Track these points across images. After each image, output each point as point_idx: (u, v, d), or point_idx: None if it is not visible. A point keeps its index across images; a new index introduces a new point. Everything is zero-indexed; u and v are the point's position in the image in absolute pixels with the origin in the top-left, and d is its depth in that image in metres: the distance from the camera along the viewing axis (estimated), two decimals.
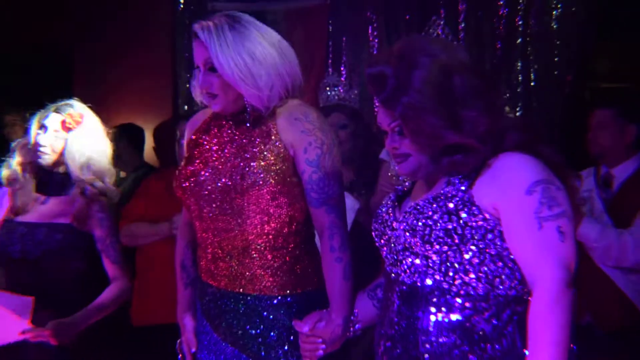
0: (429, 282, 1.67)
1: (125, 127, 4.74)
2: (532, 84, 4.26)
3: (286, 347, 2.09)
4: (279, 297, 2.11)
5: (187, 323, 2.29)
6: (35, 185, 2.76)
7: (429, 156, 1.71)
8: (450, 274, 1.65)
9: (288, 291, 2.11)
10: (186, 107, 5.22)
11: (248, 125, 2.13)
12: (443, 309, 1.65)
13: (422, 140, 1.69)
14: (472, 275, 1.64)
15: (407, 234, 1.69)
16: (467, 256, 1.64)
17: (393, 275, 1.76)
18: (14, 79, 5.94)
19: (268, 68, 2.05)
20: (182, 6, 5.26)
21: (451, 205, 1.64)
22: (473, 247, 1.64)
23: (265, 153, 2.08)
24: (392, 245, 1.76)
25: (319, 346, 1.99)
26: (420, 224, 1.66)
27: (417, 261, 1.69)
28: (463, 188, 1.66)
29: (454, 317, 1.64)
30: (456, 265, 1.65)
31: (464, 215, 1.64)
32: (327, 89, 3.86)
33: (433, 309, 1.66)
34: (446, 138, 1.66)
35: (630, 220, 3.18)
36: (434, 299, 1.66)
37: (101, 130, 2.82)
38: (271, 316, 2.11)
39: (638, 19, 4.43)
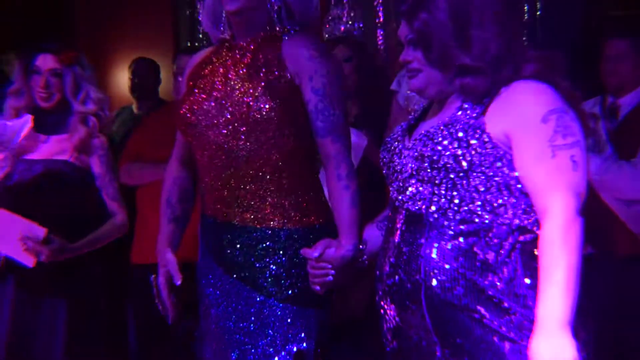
0: (433, 208, 1.67)
1: (140, 61, 4.66)
2: (538, 12, 4.19)
3: (293, 279, 2.11)
4: (284, 230, 2.12)
5: (168, 257, 2.24)
6: (33, 126, 2.78)
7: (440, 74, 1.71)
8: (456, 201, 1.65)
9: (293, 224, 2.12)
10: (188, 43, 5.17)
11: (251, 45, 2.13)
12: (446, 235, 1.65)
13: (432, 57, 1.70)
14: (478, 203, 1.64)
15: (416, 160, 1.69)
16: (474, 183, 1.64)
17: (398, 202, 1.76)
18: (13, 16, 5.87)
19: None
20: None
21: (461, 131, 1.64)
22: (481, 175, 1.64)
23: (271, 81, 2.07)
24: (399, 172, 1.76)
25: (328, 272, 1.98)
26: (429, 149, 1.66)
27: (423, 188, 1.69)
28: (475, 115, 1.65)
29: (457, 244, 1.64)
30: (462, 192, 1.65)
31: (474, 142, 1.63)
32: (332, 21, 3.81)
33: (436, 236, 1.66)
34: (455, 57, 1.66)
35: (634, 150, 3.16)
36: (438, 226, 1.66)
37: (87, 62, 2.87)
38: (276, 248, 2.12)
39: None
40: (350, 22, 3.80)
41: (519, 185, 1.64)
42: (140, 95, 4.47)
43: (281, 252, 2.12)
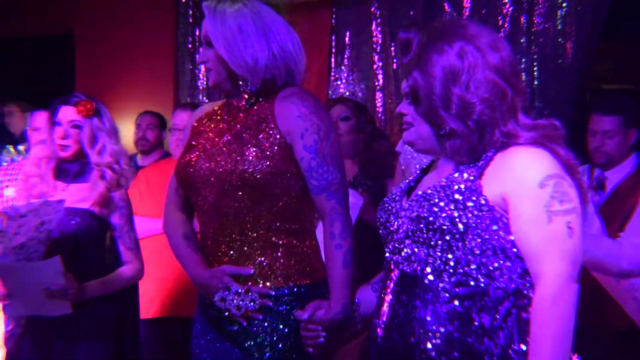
0: (428, 270, 1.66)
1: (146, 114, 4.67)
2: (535, 82, 4.26)
3: (276, 339, 2.08)
4: (272, 289, 2.09)
5: (221, 269, 2.11)
6: (53, 174, 2.86)
7: (431, 130, 1.73)
8: (452, 263, 1.65)
9: (279, 284, 2.09)
10: (188, 99, 5.22)
11: (244, 105, 2.14)
12: (441, 298, 1.64)
13: (421, 112, 1.72)
14: (473, 266, 1.64)
15: (412, 221, 1.69)
16: (469, 246, 1.63)
17: (392, 263, 1.75)
18: (14, 68, 5.93)
19: (254, 43, 2.08)
20: None
21: (458, 194, 1.64)
22: (476, 238, 1.63)
23: (259, 139, 2.07)
24: (395, 232, 1.75)
25: (319, 334, 1.97)
26: (425, 210, 1.66)
27: (418, 249, 1.68)
28: (472, 178, 1.66)
29: (452, 307, 1.63)
30: (458, 254, 1.64)
31: (470, 204, 1.63)
32: (337, 82, 3.86)
33: (432, 299, 1.65)
34: (439, 116, 1.68)
35: (621, 224, 3.14)
36: (433, 288, 1.65)
37: (109, 114, 2.93)
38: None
39: None
40: (351, 84, 3.84)
41: (515, 249, 1.63)
42: (145, 149, 4.47)
43: (266, 310, 2.08)
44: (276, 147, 2.06)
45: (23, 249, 2.60)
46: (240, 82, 2.12)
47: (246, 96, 2.13)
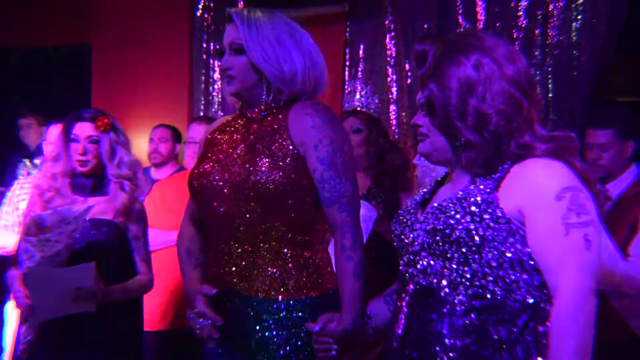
0: (444, 282, 1.66)
1: (160, 128, 4.67)
2: (550, 95, 4.25)
3: (287, 349, 2.07)
4: (282, 300, 2.08)
5: (202, 290, 2.15)
6: (70, 188, 2.90)
7: (446, 141, 1.74)
8: (468, 276, 1.64)
9: (291, 295, 2.08)
10: (202, 112, 5.25)
11: (257, 116, 2.15)
12: (458, 311, 1.63)
13: (436, 124, 1.73)
14: (490, 279, 1.63)
15: (428, 233, 1.68)
16: (486, 258, 1.63)
17: (408, 276, 1.75)
18: (30, 78, 5.98)
19: (292, 56, 2.09)
20: (199, 12, 5.31)
21: (474, 206, 1.64)
22: (493, 250, 1.62)
23: (273, 150, 2.07)
24: (410, 245, 1.75)
25: (331, 346, 1.97)
26: (441, 223, 1.66)
27: (434, 262, 1.68)
28: (488, 190, 1.65)
29: (469, 320, 1.62)
30: (475, 266, 1.63)
31: (486, 216, 1.63)
32: (351, 95, 3.86)
33: (448, 312, 1.64)
34: (456, 127, 1.68)
35: (628, 236, 3.11)
36: (449, 301, 1.64)
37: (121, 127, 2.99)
38: (273, 319, 2.08)
39: None
40: (365, 97, 3.84)
41: (532, 262, 1.62)
42: (157, 162, 4.48)
43: (277, 323, 2.08)
44: (289, 159, 2.06)
45: (58, 256, 2.63)
46: (264, 92, 2.12)
47: (262, 107, 2.14)
